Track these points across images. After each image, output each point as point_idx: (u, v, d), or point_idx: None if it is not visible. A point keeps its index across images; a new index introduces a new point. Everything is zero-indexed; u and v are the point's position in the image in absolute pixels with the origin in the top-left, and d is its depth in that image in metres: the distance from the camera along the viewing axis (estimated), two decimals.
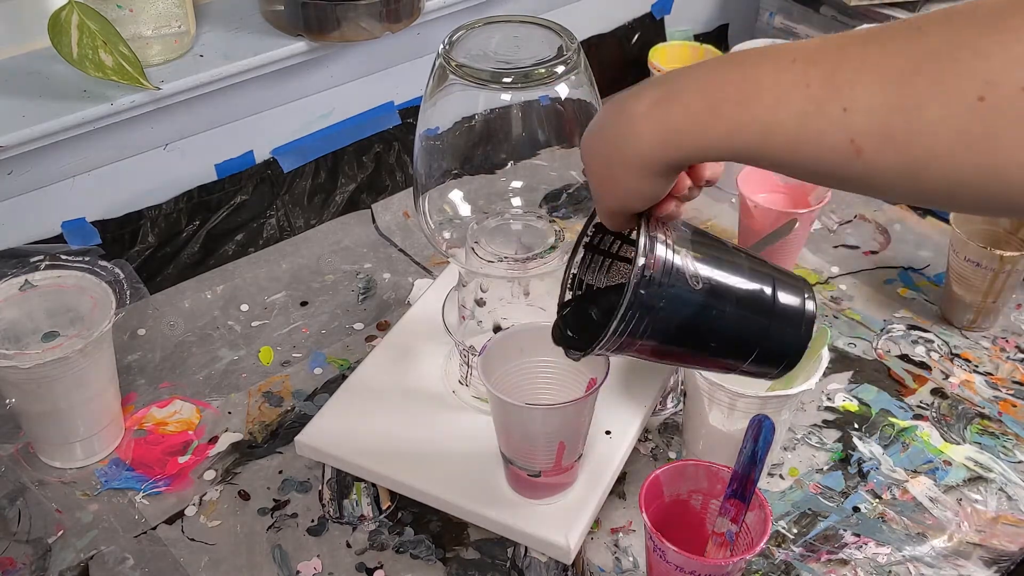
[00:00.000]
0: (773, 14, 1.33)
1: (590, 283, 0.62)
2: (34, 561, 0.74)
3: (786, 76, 0.44)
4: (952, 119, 0.39)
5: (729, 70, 0.47)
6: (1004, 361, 0.94)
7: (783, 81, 0.44)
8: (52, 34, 0.85)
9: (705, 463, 0.69)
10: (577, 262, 0.61)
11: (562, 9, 1.23)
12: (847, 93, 0.42)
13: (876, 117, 0.41)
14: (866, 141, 0.42)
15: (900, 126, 0.41)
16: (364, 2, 0.96)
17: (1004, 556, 0.76)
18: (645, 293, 0.52)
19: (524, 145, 0.76)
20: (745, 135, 0.46)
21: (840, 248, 1.08)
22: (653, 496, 0.68)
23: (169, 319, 0.97)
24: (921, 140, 0.40)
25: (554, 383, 0.71)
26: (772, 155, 0.45)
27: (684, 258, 0.53)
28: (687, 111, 0.48)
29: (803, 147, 0.44)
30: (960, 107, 0.39)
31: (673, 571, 0.64)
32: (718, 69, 0.48)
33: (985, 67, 0.39)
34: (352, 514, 0.78)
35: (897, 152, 0.41)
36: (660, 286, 0.52)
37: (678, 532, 0.65)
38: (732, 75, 0.46)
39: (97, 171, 0.95)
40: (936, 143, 0.40)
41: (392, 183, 1.15)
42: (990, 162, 0.39)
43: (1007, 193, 0.40)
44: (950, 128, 0.39)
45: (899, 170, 0.42)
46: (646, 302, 0.52)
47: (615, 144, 0.51)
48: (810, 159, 0.44)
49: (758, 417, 0.65)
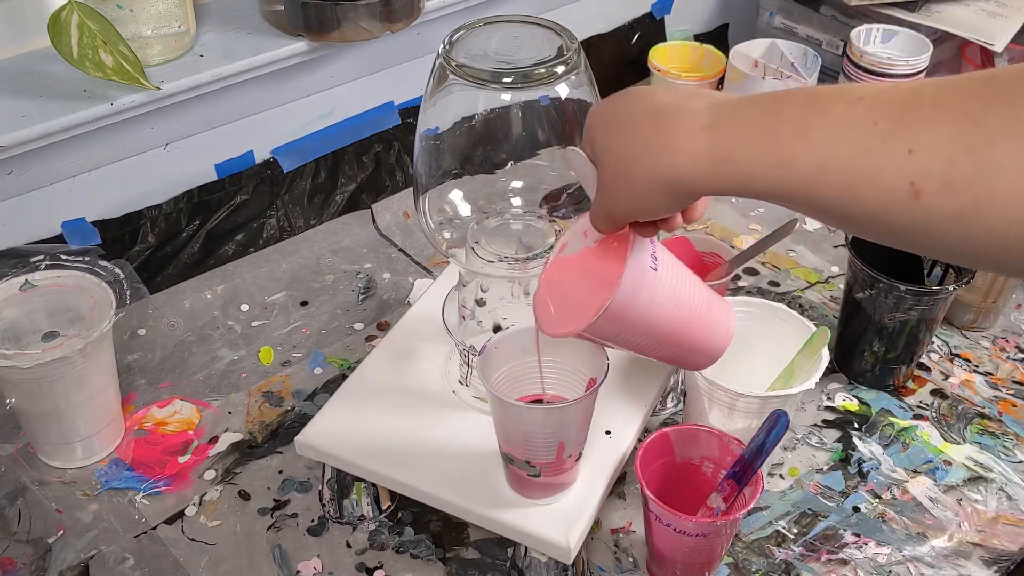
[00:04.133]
0: (773, 14, 1.33)
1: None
2: (34, 561, 0.74)
3: (854, 110, 0.43)
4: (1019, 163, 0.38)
5: (792, 100, 0.45)
6: (1004, 361, 0.94)
7: (849, 115, 0.42)
8: (52, 34, 0.85)
9: (718, 431, 0.72)
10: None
11: (562, 9, 1.23)
12: (914, 133, 0.40)
13: (942, 158, 0.40)
14: (927, 183, 0.40)
15: (965, 168, 0.39)
16: (364, 2, 0.96)
17: (1004, 556, 0.76)
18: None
19: (524, 145, 0.76)
20: (799, 167, 0.44)
21: (840, 248, 1.07)
22: (659, 452, 0.72)
23: (169, 319, 0.97)
24: (986, 181, 0.39)
25: (554, 383, 0.71)
26: (823, 195, 0.43)
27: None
28: (741, 138, 0.46)
29: (859, 187, 0.42)
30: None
31: (663, 527, 0.68)
32: (781, 99, 0.46)
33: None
34: (352, 514, 0.78)
35: (956, 197, 0.40)
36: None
37: (687, 493, 0.70)
38: (795, 104, 0.45)
39: (97, 171, 0.95)
40: (999, 188, 0.39)
41: (392, 183, 1.15)
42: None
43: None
44: (1018, 170, 0.38)
45: (955, 216, 0.40)
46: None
47: (651, 154, 0.49)
48: (862, 202, 0.42)
49: (777, 412, 0.68)
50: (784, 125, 0.44)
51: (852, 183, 0.42)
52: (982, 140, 0.39)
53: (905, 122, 0.41)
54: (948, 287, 0.83)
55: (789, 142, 0.44)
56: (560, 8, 1.23)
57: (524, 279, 0.76)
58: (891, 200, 0.41)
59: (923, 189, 0.40)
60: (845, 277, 0.90)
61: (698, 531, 0.67)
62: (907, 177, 0.40)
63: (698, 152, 0.47)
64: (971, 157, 0.39)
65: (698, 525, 0.67)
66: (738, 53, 1.19)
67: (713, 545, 0.69)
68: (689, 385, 0.79)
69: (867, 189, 0.42)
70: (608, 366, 0.66)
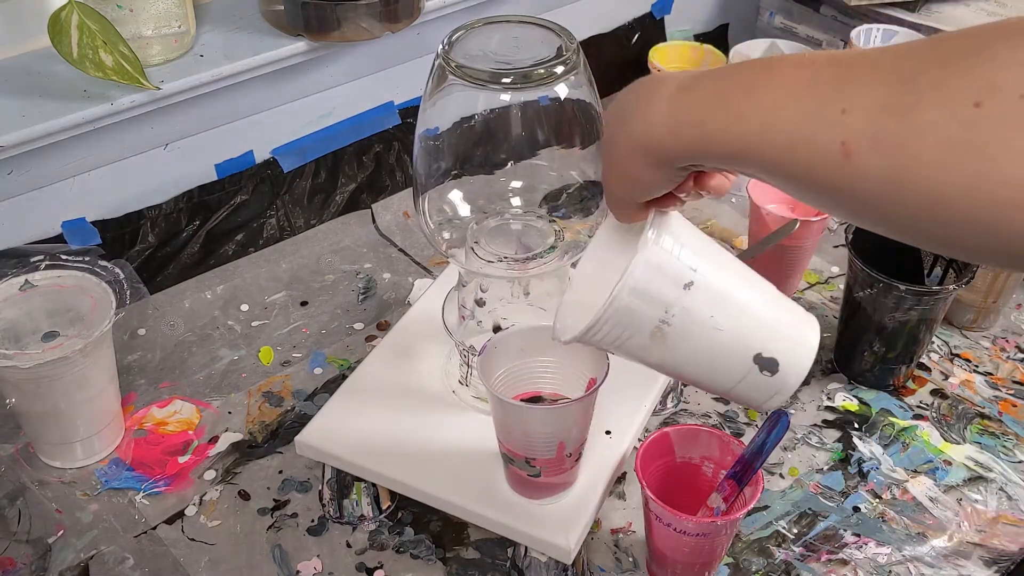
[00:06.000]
0: (773, 14, 1.33)
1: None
2: (34, 561, 0.75)
3: (800, 74, 0.43)
4: (944, 124, 0.37)
5: (748, 67, 0.46)
6: (1004, 361, 0.94)
7: (796, 78, 0.43)
8: (52, 34, 0.85)
9: (718, 432, 0.72)
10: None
11: (562, 9, 1.23)
12: (848, 94, 0.40)
13: (868, 117, 0.39)
14: (856, 143, 0.40)
15: (891, 128, 0.38)
16: (364, 2, 0.96)
17: (1004, 556, 0.76)
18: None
19: (524, 145, 0.76)
20: (744, 126, 0.44)
21: (840, 248, 1.07)
22: (659, 452, 0.71)
23: (169, 319, 0.97)
24: (910, 144, 0.38)
25: (554, 383, 0.71)
26: (767, 155, 0.44)
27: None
28: (697, 100, 0.47)
29: (798, 147, 0.42)
30: (954, 111, 0.36)
31: (663, 527, 0.68)
32: (739, 66, 0.47)
33: (990, 69, 0.36)
34: (352, 514, 0.78)
35: (883, 156, 0.39)
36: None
37: (687, 494, 0.70)
38: (749, 71, 0.46)
39: (97, 171, 0.95)
40: (924, 149, 0.37)
41: (392, 183, 1.15)
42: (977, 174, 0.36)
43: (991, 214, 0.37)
44: (940, 134, 0.37)
45: (883, 177, 0.39)
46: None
47: (631, 124, 0.50)
48: (802, 162, 0.42)
49: (778, 412, 0.68)
50: (735, 89, 0.45)
51: (792, 143, 0.42)
52: (909, 100, 0.38)
53: (842, 84, 0.41)
54: (948, 287, 0.83)
55: (738, 104, 0.45)
56: (560, 8, 1.23)
57: (524, 279, 0.76)
58: (825, 160, 0.41)
59: (853, 149, 0.40)
60: (845, 277, 0.90)
61: (698, 531, 0.67)
62: (839, 137, 0.40)
63: (663, 115, 0.48)
64: (896, 117, 0.38)
65: (698, 525, 0.67)
66: (738, 53, 1.19)
67: (713, 545, 0.69)
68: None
69: (805, 149, 0.42)
70: (608, 366, 0.66)
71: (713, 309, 0.55)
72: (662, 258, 0.54)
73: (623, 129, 0.51)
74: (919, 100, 0.38)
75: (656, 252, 0.54)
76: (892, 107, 0.38)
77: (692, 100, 0.47)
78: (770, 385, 0.57)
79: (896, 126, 0.38)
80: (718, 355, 0.56)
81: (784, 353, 0.56)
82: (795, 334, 0.57)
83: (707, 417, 0.87)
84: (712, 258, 0.56)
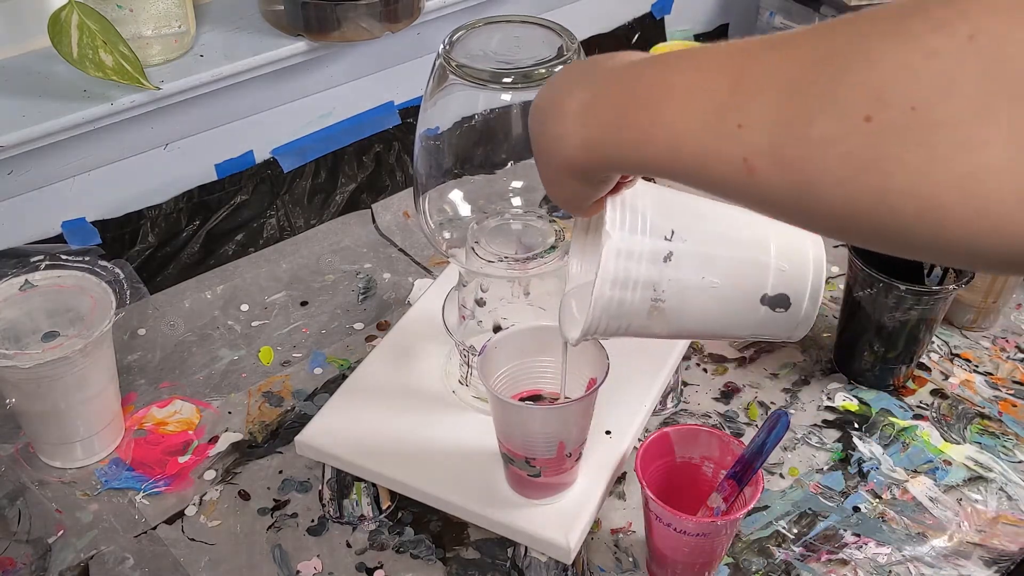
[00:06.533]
0: (773, 14, 1.33)
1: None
2: (34, 561, 0.74)
3: (699, 78, 0.40)
4: (840, 139, 0.34)
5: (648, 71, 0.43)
6: (1004, 361, 0.94)
7: (695, 84, 0.40)
8: (52, 34, 0.85)
9: (718, 432, 0.72)
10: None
11: (562, 9, 1.23)
12: (744, 105, 0.37)
13: (766, 134, 0.37)
14: (757, 160, 0.37)
15: (789, 144, 0.36)
16: (364, 2, 0.96)
17: (1004, 556, 0.76)
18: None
19: (524, 145, 0.75)
20: (653, 146, 0.41)
21: (840, 248, 1.07)
22: (659, 452, 0.72)
23: (169, 319, 0.97)
24: (810, 160, 0.35)
25: (554, 383, 0.71)
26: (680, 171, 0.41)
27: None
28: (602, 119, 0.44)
29: (708, 163, 0.39)
30: (846, 127, 0.34)
31: (663, 527, 0.68)
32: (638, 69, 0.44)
33: (874, 78, 0.33)
34: (352, 514, 0.78)
35: (786, 173, 0.36)
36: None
37: (687, 494, 0.71)
38: (648, 76, 0.42)
39: (97, 171, 0.95)
40: (826, 166, 0.35)
41: (392, 183, 1.15)
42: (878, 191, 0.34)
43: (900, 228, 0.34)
44: (838, 149, 0.34)
45: (789, 194, 0.37)
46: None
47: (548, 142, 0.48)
48: (716, 178, 0.39)
49: (778, 412, 0.68)
50: (637, 105, 0.42)
51: (702, 159, 0.40)
52: (802, 114, 0.35)
53: (736, 93, 0.38)
54: (948, 287, 0.83)
55: (642, 123, 0.42)
56: (560, 8, 1.23)
57: (524, 279, 0.76)
58: (735, 175, 0.38)
59: (756, 166, 0.37)
60: (845, 277, 0.90)
61: (698, 531, 0.67)
62: (740, 152, 0.38)
63: (572, 135, 0.46)
64: (791, 132, 0.36)
65: (698, 525, 0.67)
66: None
67: (713, 545, 0.69)
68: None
69: (715, 163, 0.39)
70: (608, 366, 0.66)
71: (702, 270, 0.53)
72: (630, 243, 0.52)
73: (540, 143, 0.49)
74: (811, 114, 0.35)
75: (620, 239, 0.52)
76: (786, 121, 0.36)
77: (596, 120, 0.45)
78: (789, 319, 0.55)
79: (795, 142, 0.36)
80: (724, 311, 0.54)
81: (790, 284, 0.54)
82: (795, 259, 0.54)
83: (707, 417, 0.87)
84: (686, 217, 0.54)
